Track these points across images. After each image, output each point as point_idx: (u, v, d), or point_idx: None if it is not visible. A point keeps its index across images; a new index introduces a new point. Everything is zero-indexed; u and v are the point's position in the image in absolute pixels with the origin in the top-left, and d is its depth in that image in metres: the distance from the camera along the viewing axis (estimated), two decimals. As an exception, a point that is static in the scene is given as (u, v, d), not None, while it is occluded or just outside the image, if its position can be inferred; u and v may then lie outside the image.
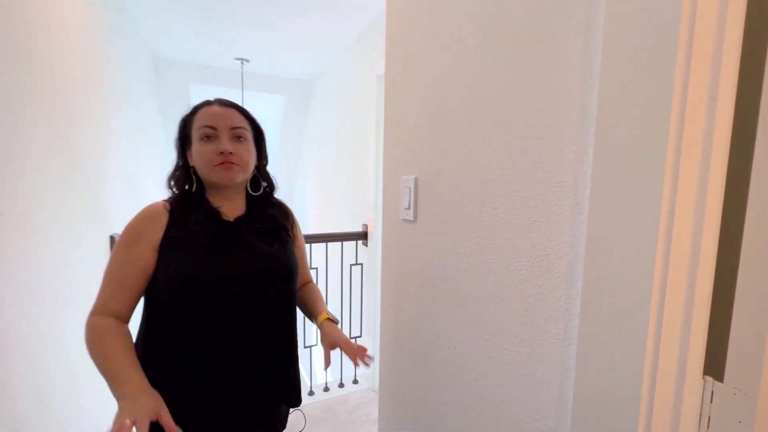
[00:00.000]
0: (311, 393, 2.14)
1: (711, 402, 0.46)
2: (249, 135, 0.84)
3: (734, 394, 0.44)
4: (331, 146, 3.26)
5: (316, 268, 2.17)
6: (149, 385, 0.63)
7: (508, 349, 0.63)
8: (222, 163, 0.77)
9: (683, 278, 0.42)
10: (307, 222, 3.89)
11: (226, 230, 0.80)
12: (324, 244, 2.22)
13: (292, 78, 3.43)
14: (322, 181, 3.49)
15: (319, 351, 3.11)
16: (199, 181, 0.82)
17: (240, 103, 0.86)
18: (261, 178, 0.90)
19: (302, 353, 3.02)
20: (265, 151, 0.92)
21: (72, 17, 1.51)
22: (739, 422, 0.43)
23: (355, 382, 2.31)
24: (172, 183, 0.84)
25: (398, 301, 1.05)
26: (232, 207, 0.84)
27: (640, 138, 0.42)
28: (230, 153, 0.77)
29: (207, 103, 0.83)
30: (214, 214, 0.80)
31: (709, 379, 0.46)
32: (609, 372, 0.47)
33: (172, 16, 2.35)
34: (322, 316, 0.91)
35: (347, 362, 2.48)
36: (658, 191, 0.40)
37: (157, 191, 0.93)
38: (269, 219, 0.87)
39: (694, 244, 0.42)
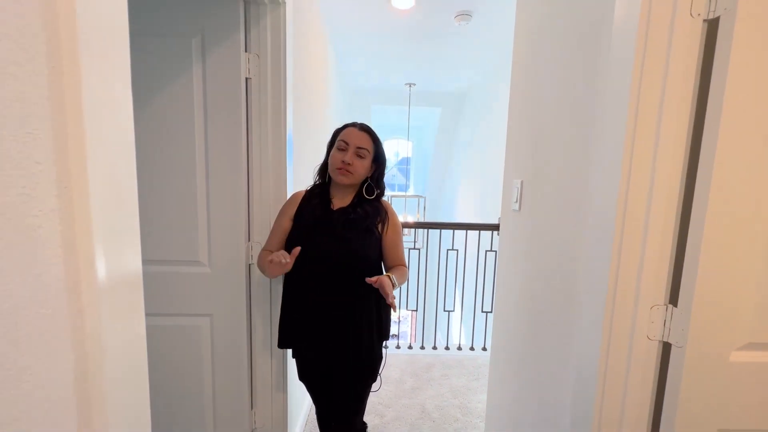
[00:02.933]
0: (447, 348, 2.71)
1: (671, 318, 0.77)
2: (368, 155, 1.11)
3: (681, 313, 0.75)
4: (477, 148, 3.69)
5: (457, 250, 2.71)
6: None
7: (578, 303, 1.02)
8: (340, 168, 1.08)
9: (661, 250, 0.76)
10: (454, 212, 4.45)
11: (327, 215, 1.11)
12: (464, 232, 2.73)
13: (447, 93, 4.03)
14: (469, 178, 3.96)
15: (455, 315, 3.65)
16: (330, 177, 1.16)
17: (406, 115, 1.40)
18: (375, 186, 1.17)
19: (441, 316, 3.60)
20: (382, 168, 1.18)
21: (322, 65, 2.48)
22: (682, 330, 0.74)
23: (484, 349, 2.74)
24: (317, 173, 1.20)
25: (508, 272, 1.48)
26: (342, 200, 1.15)
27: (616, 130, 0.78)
28: (348, 164, 1.08)
29: (352, 125, 1.13)
30: (327, 203, 1.13)
31: (671, 305, 0.77)
32: (600, 295, 0.83)
33: (363, 60, 3.28)
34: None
35: (478, 330, 2.95)
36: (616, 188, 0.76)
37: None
38: (361, 213, 1.12)
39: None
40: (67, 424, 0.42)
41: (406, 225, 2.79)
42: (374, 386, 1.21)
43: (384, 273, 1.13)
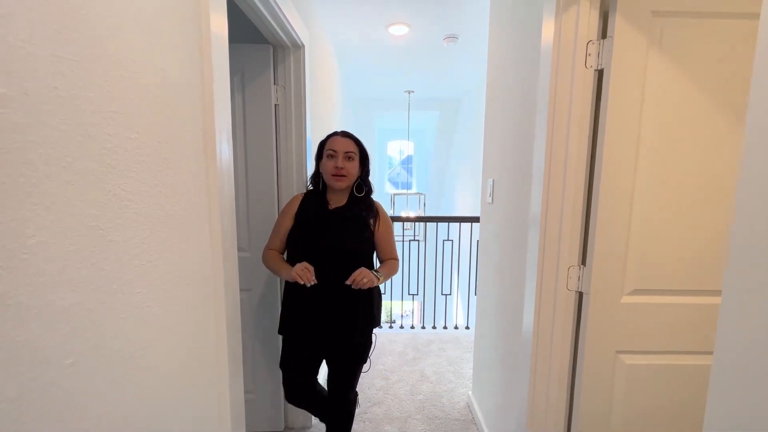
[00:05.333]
0: (445, 327, 3.05)
1: (582, 275, 1.11)
2: (356, 157, 1.24)
3: (587, 270, 1.08)
4: (471, 149, 4.02)
5: (452, 241, 3.04)
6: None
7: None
8: (335, 174, 1.21)
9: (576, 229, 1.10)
10: (454, 207, 4.79)
11: (325, 214, 1.24)
12: (458, 224, 3.07)
13: (444, 98, 4.36)
14: (465, 176, 4.29)
15: (452, 298, 4.00)
16: (324, 183, 1.29)
17: (406, 120, 1.72)
18: (363, 185, 1.30)
19: (439, 300, 3.94)
20: (367, 167, 1.30)
21: (332, 82, 2.83)
22: (588, 282, 1.08)
23: (478, 328, 3.08)
24: (309, 182, 1.36)
25: (485, 256, 1.81)
26: (337, 201, 1.27)
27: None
28: (341, 168, 1.21)
29: (335, 134, 1.26)
30: (324, 204, 1.26)
31: (582, 265, 1.11)
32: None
33: (366, 74, 3.63)
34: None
35: (472, 311, 3.26)
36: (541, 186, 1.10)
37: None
38: (356, 211, 1.26)
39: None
40: (211, 311, 0.78)
41: (408, 219, 3.13)
42: (364, 368, 1.34)
43: (375, 266, 1.30)
